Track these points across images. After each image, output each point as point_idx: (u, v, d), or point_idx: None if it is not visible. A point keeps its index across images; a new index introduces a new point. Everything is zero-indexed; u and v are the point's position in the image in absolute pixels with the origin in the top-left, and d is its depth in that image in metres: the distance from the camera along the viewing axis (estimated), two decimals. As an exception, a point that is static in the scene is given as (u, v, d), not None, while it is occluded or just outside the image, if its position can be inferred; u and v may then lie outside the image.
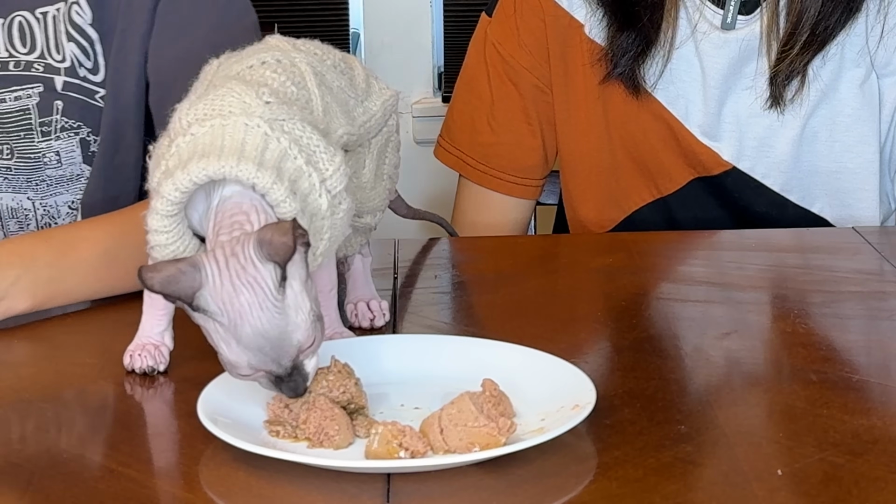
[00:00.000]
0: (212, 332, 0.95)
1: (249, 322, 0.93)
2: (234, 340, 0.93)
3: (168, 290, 0.94)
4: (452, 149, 1.72)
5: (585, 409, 0.96)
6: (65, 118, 1.46)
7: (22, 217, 1.47)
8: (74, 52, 1.44)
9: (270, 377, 0.95)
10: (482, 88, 1.69)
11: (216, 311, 0.93)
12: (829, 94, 1.60)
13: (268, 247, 0.93)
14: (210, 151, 0.98)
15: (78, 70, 1.45)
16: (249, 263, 0.93)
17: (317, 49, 1.12)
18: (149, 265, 0.95)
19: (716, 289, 1.35)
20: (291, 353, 0.94)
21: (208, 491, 0.91)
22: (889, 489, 0.89)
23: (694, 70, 1.60)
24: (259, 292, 0.93)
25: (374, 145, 1.17)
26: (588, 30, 1.63)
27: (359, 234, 1.20)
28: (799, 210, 1.63)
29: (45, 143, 1.46)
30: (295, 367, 0.95)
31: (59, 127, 1.45)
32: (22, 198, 1.47)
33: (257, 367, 0.94)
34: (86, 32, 1.45)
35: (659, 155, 1.63)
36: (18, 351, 1.20)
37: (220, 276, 0.93)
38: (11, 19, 1.45)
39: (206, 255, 0.94)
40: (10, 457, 0.97)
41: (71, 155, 1.47)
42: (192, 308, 0.94)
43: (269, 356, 0.94)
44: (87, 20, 1.44)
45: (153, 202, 1.00)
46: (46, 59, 1.45)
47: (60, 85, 1.45)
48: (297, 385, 0.95)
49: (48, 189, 1.47)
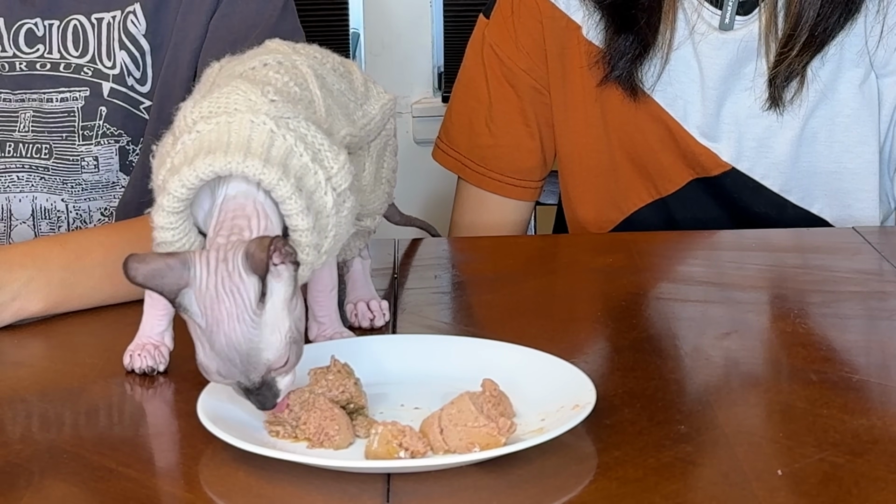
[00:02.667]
0: (191, 331, 0.95)
1: (224, 331, 0.93)
2: (209, 345, 0.93)
3: (151, 284, 0.94)
4: (451, 151, 1.72)
5: (585, 409, 0.96)
6: (107, 124, 1.47)
7: (54, 219, 1.48)
8: (125, 60, 1.46)
9: (240, 387, 0.95)
10: (480, 91, 1.69)
11: (196, 313, 0.93)
12: (828, 95, 1.60)
13: (250, 260, 0.93)
14: (216, 148, 0.98)
15: (126, 78, 1.47)
16: (235, 273, 0.93)
17: (316, 53, 1.12)
18: (137, 255, 0.94)
19: (715, 289, 1.35)
20: (260, 370, 0.94)
21: (208, 491, 0.91)
22: (889, 489, 0.89)
23: (692, 71, 1.60)
24: (239, 304, 0.93)
25: (373, 148, 1.17)
26: (586, 31, 1.63)
27: (358, 237, 1.20)
28: (798, 211, 1.63)
29: (85, 147, 1.47)
30: (264, 383, 0.94)
31: (100, 133, 1.47)
32: (56, 199, 1.48)
33: (226, 376, 0.94)
34: (138, 42, 1.47)
35: (658, 156, 1.63)
36: (19, 351, 1.20)
37: (206, 279, 0.93)
38: (67, 22, 1.47)
39: (198, 255, 0.94)
40: (10, 457, 0.97)
41: (109, 162, 1.48)
42: (173, 304, 0.94)
43: (238, 368, 0.93)
44: (141, 30, 1.46)
45: (159, 199, 1.00)
46: (97, 63, 1.46)
47: (107, 91, 1.47)
48: (266, 399, 0.95)
49: (83, 193, 1.48)
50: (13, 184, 1.47)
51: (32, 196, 1.47)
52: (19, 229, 1.48)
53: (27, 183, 1.47)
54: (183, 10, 1.47)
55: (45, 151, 1.46)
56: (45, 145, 1.47)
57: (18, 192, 1.47)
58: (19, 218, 1.48)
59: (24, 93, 1.47)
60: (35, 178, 1.47)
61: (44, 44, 1.47)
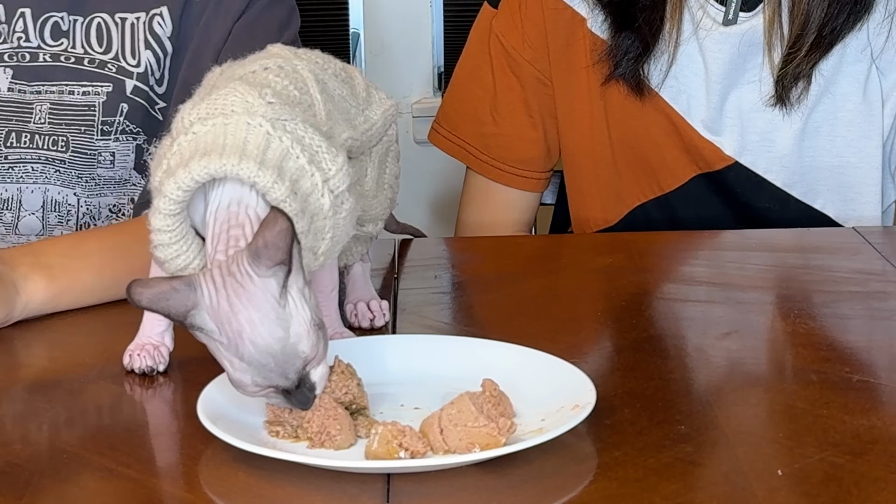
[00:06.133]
0: (214, 351, 0.95)
1: (250, 339, 0.92)
2: (237, 359, 0.93)
3: (157, 307, 0.93)
4: (452, 136, 1.73)
5: (585, 409, 0.96)
6: (127, 121, 1.48)
7: (64, 212, 1.48)
8: (150, 59, 1.48)
9: (279, 391, 0.94)
10: (485, 79, 1.70)
11: (213, 331, 0.93)
12: (830, 90, 1.60)
13: (265, 252, 0.92)
14: (212, 150, 0.98)
15: (149, 78, 1.48)
16: (247, 278, 0.93)
17: (318, 58, 1.12)
18: (140, 280, 0.94)
19: (716, 289, 1.35)
20: (297, 366, 0.93)
21: (208, 491, 0.91)
22: (889, 489, 0.89)
23: (696, 66, 1.61)
24: (260, 307, 0.92)
25: (375, 154, 1.17)
26: (591, 24, 1.63)
27: (360, 242, 1.20)
28: (801, 206, 1.63)
29: (103, 143, 1.48)
30: (301, 379, 0.94)
31: (119, 129, 1.48)
32: (69, 193, 1.48)
33: (262, 384, 0.94)
34: (164, 44, 1.48)
35: (661, 151, 1.63)
36: (19, 351, 1.20)
37: (216, 295, 0.93)
38: (90, 20, 1.49)
39: (202, 275, 0.94)
40: (9, 457, 0.97)
41: (125, 158, 1.49)
42: (186, 326, 0.94)
43: (275, 371, 0.93)
44: (167, 32, 1.48)
45: (156, 201, 1.00)
46: (120, 61, 1.48)
47: (130, 88, 1.48)
48: (306, 398, 0.95)
49: (95, 188, 1.49)
50: (27, 174, 1.48)
51: (45, 188, 1.48)
52: (27, 220, 1.48)
53: (41, 174, 1.48)
54: (209, 13, 1.48)
55: (62, 144, 1.47)
56: (62, 138, 1.47)
57: (32, 182, 1.48)
58: (28, 209, 1.48)
59: (42, 84, 1.48)
60: (50, 171, 1.48)
61: (68, 38, 1.49)
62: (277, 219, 0.92)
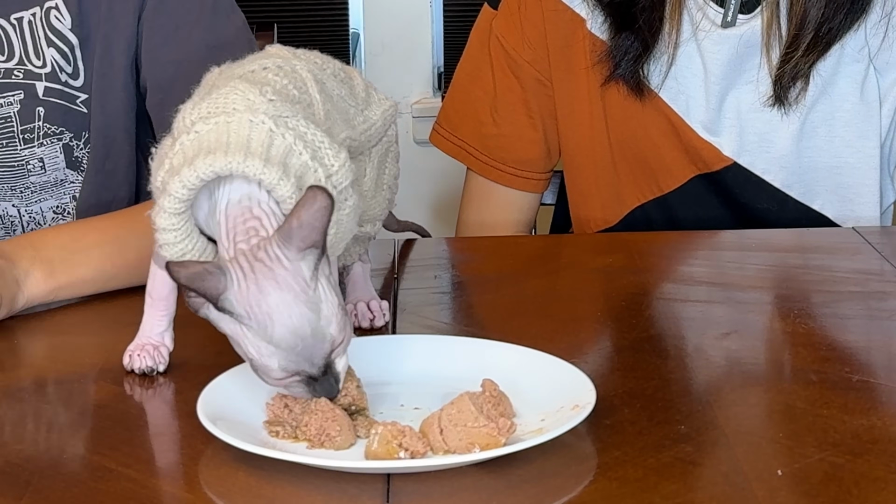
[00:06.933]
0: (240, 339, 0.95)
1: (280, 322, 0.93)
2: (265, 343, 0.93)
3: (194, 286, 0.93)
4: (453, 137, 1.73)
5: (585, 409, 0.96)
6: (47, 124, 1.45)
7: (8, 224, 1.47)
8: (55, 57, 1.43)
9: (304, 379, 0.95)
10: (486, 80, 1.70)
11: (243, 315, 0.93)
12: (827, 90, 1.60)
13: (298, 232, 0.92)
14: (216, 148, 0.98)
15: (59, 75, 1.44)
16: (276, 263, 0.93)
17: (316, 58, 1.13)
18: (176, 261, 0.95)
19: (716, 289, 1.35)
20: (325, 350, 0.94)
21: (208, 491, 0.91)
22: (889, 489, 0.89)
23: (695, 66, 1.61)
24: (290, 289, 0.93)
25: (375, 154, 1.17)
26: (590, 25, 1.63)
27: (359, 243, 1.20)
28: (800, 206, 1.63)
29: (29, 151, 1.45)
30: (327, 366, 0.95)
31: (41, 133, 1.44)
32: (7, 205, 1.46)
33: (289, 368, 0.94)
34: (66, 37, 1.44)
35: (660, 151, 1.63)
36: (18, 351, 1.20)
37: (245, 280, 0.93)
38: None
39: (230, 263, 0.94)
40: (9, 457, 0.97)
41: (55, 161, 1.46)
42: (217, 309, 0.94)
43: (302, 355, 0.93)
44: (66, 25, 1.44)
45: (160, 201, 1.00)
46: (26, 65, 1.44)
47: (42, 91, 1.44)
48: (331, 386, 0.95)
49: (32, 196, 1.47)
50: None
51: None
52: None
53: None
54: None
55: None
56: None
57: None
58: None
59: None
60: None
61: None
62: (317, 196, 0.92)
